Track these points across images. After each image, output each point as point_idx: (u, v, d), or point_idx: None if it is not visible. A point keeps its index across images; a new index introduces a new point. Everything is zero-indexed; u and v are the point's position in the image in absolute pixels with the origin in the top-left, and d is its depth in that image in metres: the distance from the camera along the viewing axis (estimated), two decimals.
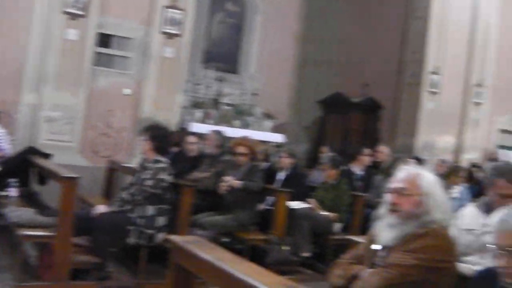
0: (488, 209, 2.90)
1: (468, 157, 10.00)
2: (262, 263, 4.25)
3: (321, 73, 10.98)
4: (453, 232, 2.44)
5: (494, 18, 10.52)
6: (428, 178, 2.37)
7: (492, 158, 9.48)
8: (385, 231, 2.37)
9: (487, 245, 2.06)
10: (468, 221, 2.85)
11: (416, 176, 2.35)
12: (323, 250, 5.34)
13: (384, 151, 7.30)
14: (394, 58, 10.14)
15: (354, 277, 2.34)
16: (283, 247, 5.09)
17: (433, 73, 9.70)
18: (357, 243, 2.74)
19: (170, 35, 7.05)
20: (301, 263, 5.34)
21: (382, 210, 2.40)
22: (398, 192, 2.32)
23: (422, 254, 2.20)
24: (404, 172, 2.39)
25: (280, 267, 4.62)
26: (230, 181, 5.02)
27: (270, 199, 5.61)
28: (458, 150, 10.30)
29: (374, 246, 2.41)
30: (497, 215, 1.90)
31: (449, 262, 2.25)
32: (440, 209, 2.31)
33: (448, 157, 9.14)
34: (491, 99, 10.73)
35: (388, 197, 2.37)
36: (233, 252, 2.17)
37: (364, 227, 4.88)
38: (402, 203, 2.31)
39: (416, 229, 2.29)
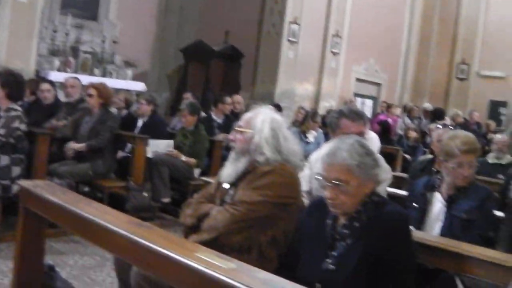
0: None
1: (326, 105, 11.40)
2: (121, 210, 4.68)
3: (183, 21, 11.64)
4: (300, 170, 2.71)
5: None
6: (263, 117, 2.63)
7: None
8: (226, 168, 2.67)
9: (315, 176, 2.31)
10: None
11: (253, 115, 2.63)
12: (183, 195, 5.69)
13: (240, 101, 8.21)
14: (255, 7, 11.05)
15: (204, 216, 2.56)
16: (143, 194, 5.34)
17: (293, 23, 10.85)
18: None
19: None
20: (161, 209, 5.70)
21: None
22: (236, 130, 2.64)
23: (268, 191, 2.46)
24: (247, 113, 2.69)
25: (139, 214, 4.84)
26: (73, 146, 5.24)
27: (129, 146, 5.94)
28: (316, 97, 11.74)
29: (224, 185, 2.65)
30: (325, 147, 2.18)
31: (294, 198, 2.48)
32: (272, 146, 2.56)
33: (307, 105, 10.39)
34: (348, 49, 12.26)
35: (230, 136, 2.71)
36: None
37: None
38: (237, 140, 2.62)
39: (249, 165, 2.58)
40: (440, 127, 7.60)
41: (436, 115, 10.18)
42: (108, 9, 10.71)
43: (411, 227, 2.40)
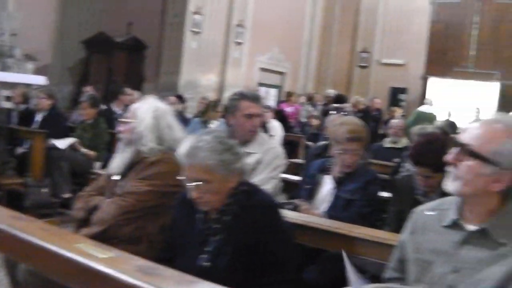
0: (231, 136, 3.48)
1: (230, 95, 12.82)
2: (20, 207, 4.84)
3: (84, 12, 12.40)
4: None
5: None
6: (146, 106, 2.93)
7: None
8: (115, 159, 2.94)
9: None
10: None
11: (138, 106, 2.95)
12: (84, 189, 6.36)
13: (134, 95, 8.88)
14: None
15: (94, 208, 2.80)
16: (42, 190, 5.59)
17: (196, 13, 11.93)
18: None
19: None
20: (62, 205, 5.73)
21: None
22: (122, 121, 2.97)
23: (155, 181, 2.73)
24: (134, 104, 3.03)
25: (39, 210, 5.08)
26: None
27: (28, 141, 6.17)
28: (220, 88, 12.92)
29: (113, 177, 2.90)
30: (184, 145, 2.32)
31: (181, 186, 2.49)
32: (155, 135, 2.84)
33: (211, 95, 11.38)
34: (251, 39, 13.57)
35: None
36: None
37: None
38: (123, 131, 2.92)
39: (135, 155, 2.86)
40: (334, 112, 9.12)
41: (338, 101, 11.81)
42: (5, 0, 11.02)
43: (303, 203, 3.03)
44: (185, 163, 2.28)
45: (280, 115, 10.49)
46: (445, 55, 15.37)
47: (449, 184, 1.89)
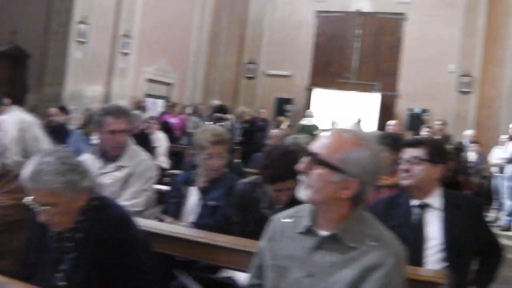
0: (102, 153, 3.84)
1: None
2: None
3: None
4: None
5: None
6: (11, 119, 3.00)
7: (140, 106, 13.03)
8: None
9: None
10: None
11: (4, 118, 3.02)
12: None
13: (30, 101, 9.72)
14: (42, 5, 12.34)
15: None
16: None
17: (81, 22, 12.42)
18: None
19: None
20: None
21: None
22: None
23: (19, 194, 2.65)
24: (0, 117, 3.06)
25: None
26: None
27: None
28: (106, 99, 13.36)
29: None
30: (27, 167, 2.34)
31: None
32: (19, 148, 2.93)
33: (97, 106, 10.98)
34: (138, 49, 14.24)
35: None
36: None
37: None
38: None
39: (1, 168, 2.92)
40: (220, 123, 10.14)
41: (220, 111, 12.68)
42: None
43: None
44: (29, 187, 2.30)
45: (165, 126, 11.25)
46: (329, 67, 16.97)
47: (301, 192, 2.03)
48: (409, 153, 3.24)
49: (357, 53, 16.88)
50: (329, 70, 17.02)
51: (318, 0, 17.11)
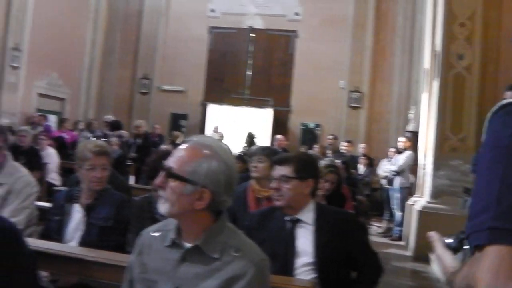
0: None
1: (7, 121, 12.42)
2: None
3: None
4: None
5: None
6: None
7: (32, 122, 12.86)
8: None
9: None
10: None
11: None
12: None
13: None
14: None
15: None
16: None
17: None
18: None
19: None
20: None
21: None
22: None
23: None
24: None
25: None
26: None
27: None
28: None
29: None
30: None
31: None
32: None
33: None
34: (28, 63, 13.87)
35: None
36: None
37: None
38: None
39: None
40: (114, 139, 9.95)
41: (114, 126, 12.80)
42: None
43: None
44: None
45: (59, 142, 11.14)
46: (223, 82, 17.19)
47: (160, 206, 2.06)
48: (278, 171, 3.29)
49: (250, 69, 17.15)
50: (223, 85, 17.22)
51: (211, 16, 17.38)
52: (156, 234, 2.19)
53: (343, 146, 12.59)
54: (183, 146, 2.11)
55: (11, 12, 13.40)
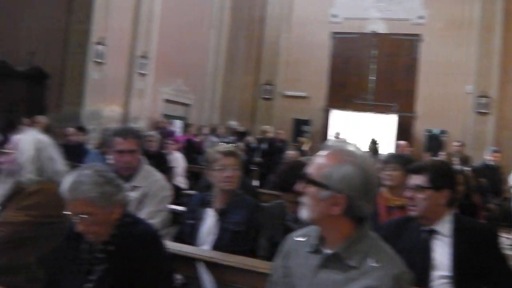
0: (115, 173, 3.61)
1: (136, 126, 12.61)
2: None
3: None
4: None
5: None
6: (27, 138, 3.13)
7: (158, 127, 12.90)
8: None
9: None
10: None
11: (20, 137, 3.16)
12: None
13: (42, 121, 9.44)
14: (60, 26, 12.36)
15: None
16: None
17: (99, 43, 12.38)
18: None
19: None
20: None
21: None
22: (3, 151, 3.14)
23: (33, 211, 2.87)
24: (16, 136, 3.20)
25: None
26: None
27: None
28: (125, 119, 13.37)
29: None
30: (67, 180, 2.49)
31: (59, 217, 2.74)
32: (35, 167, 3.03)
33: (115, 126, 11.96)
34: (155, 70, 14.20)
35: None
36: None
37: None
38: (4, 161, 3.10)
39: (15, 185, 3.02)
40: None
41: (242, 136, 12.79)
42: None
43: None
44: (68, 198, 2.47)
45: (189, 145, 11.21)
46: (345, 88, 16.83)
47: (301, 212, 2.09)
48: (413, 180, 3.17)
49: (373, 74, 16.76)
50: (346, 91, 16.91)
51: (333, 22, 17.11)
52: (301, 239, 2.20)
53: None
54: (322, 153, 2.09)
55: (139, 22, 13.76)
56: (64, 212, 2.53)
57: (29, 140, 3.11)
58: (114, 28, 12.87)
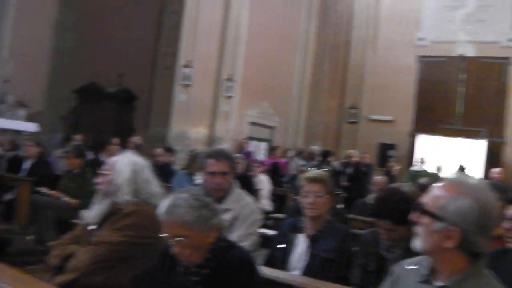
0: (205, 195, 3.59)
1: (227, 148, 13.22)
2: (5, 254, 5.13)
3: (76, 61, 13.02)
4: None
5: (245, 16, 14.06)
6: (124, 160, 3.21)
7: (243, 149, 12.92)
8: (92, 209, 3.19)
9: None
10: None
11: (117, 159, 3.24)
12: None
13: (136, 142, 9.65)
14: (149, 49, 12.69)
15: (69, 256, 3.00)
16: (27, 237, 5.80)
17: (186, 66, 12.56)
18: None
19: None
20: (46, 252, 5.79)
21: None
22: (101, 173, 3.23)
23: (129, 231, 2.95)
24: (113, 157, 3.31)
25: (23, 258, 5.17)
26: None
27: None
28: (211, 141, 13.38)
29: (90, 226, 3.14)
30: (164, 203, 2.52)
31: (154, 238, 2.72)
32: (131, 188, 3.10)
33: (200, 147, 11.70)
34: (241, 93, 14.25)
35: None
36: None
37: None
38: (101, 182, 3.20)
39: (112, 206, 3.09)
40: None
41: (325, 155, 12.56)
42: (0, 46, 11.82)
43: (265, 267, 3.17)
44: (165, 220, 2.49)
45: (275, 168, 11.09)
46: (433, 112, 16.17)
47: (414, 242, 2.03)
48: (511, 211, 3.01)
49: (461, 98, 16.05)
50: (433, 115, 16.24)
51: (420, 45, 16.57)
52: (412, 267, 2.14)
53: None
54: (440, 183, 2.03)
55: (225, 46, 13.86)
56: (160, 234, 2.53)
57: (125, 162, 3.17)
58: (201, 52, 13.02)
